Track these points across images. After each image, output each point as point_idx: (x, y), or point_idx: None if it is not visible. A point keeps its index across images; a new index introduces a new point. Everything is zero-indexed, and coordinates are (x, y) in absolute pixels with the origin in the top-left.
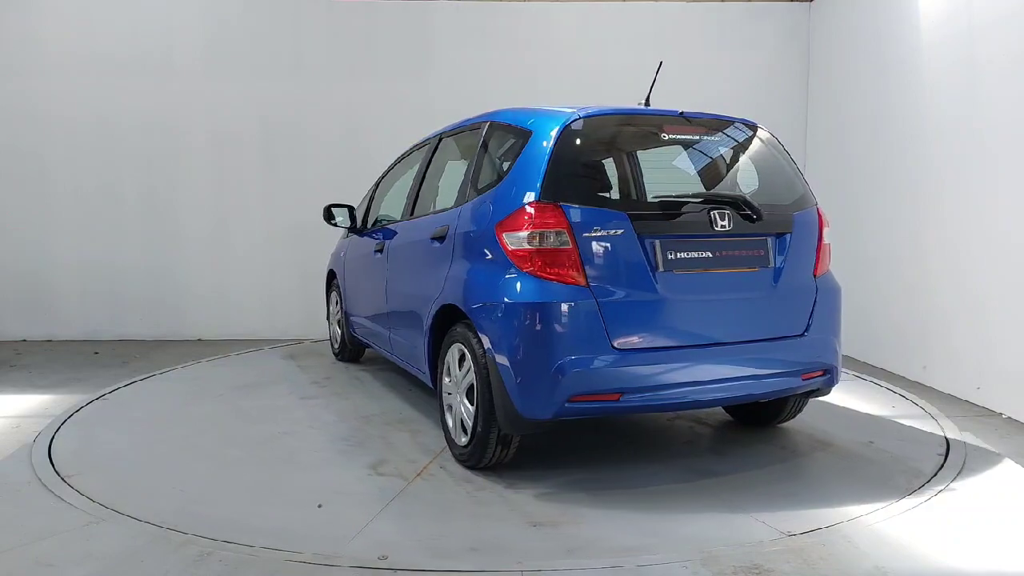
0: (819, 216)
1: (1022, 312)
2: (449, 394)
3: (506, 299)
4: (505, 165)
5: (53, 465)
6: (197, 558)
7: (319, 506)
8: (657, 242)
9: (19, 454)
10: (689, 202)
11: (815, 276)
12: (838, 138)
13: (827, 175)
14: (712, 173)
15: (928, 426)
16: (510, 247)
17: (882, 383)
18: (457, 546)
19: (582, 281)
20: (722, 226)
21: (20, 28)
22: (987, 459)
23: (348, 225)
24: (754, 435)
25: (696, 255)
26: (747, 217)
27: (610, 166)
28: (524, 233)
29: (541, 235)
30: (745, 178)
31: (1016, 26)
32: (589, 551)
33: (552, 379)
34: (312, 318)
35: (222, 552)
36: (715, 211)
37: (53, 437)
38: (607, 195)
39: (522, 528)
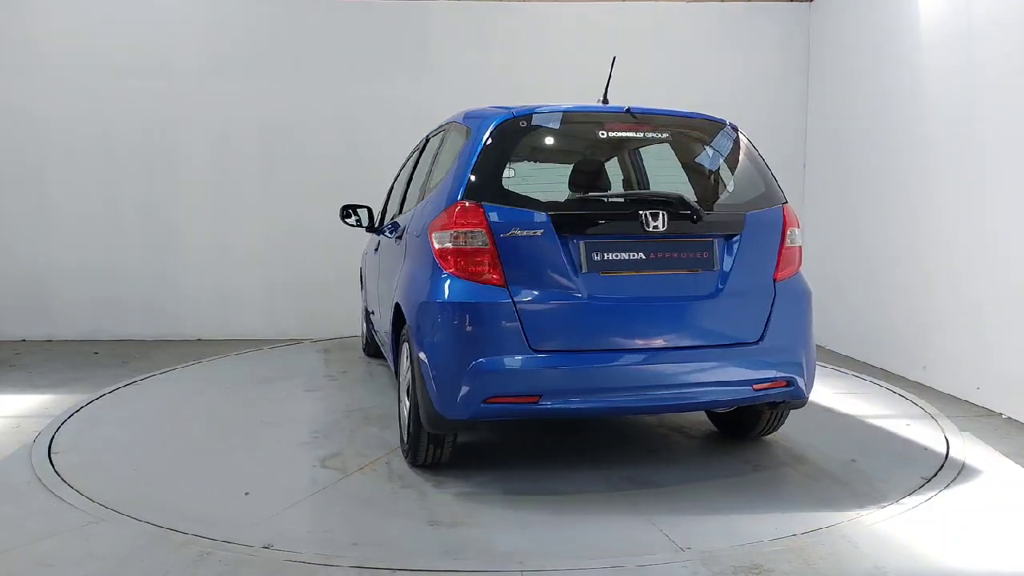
0: (784, 216)
1: (1021, 313)
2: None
3: (428, 298)
4: (449, 165)
5: (53, 465)
6: (197, 558)
7: (246, 494)
8: (582, 243)
9: (19, 454)
10: (618, 201)
11: (775, 280)
12: (838, 138)
13: (826, 175)
14: (657, 172)
15: (924, 437)
16: (436, 247)
17: (882, 383)
18: (342, 540)
19: (500, 281)
20: (654, 227)
21: (19, 31)
22: (987, 459)
23: (365, 224)
24: (727, 447)
25: (626, 256)
26: (687, 217)
27: (542, 165)
28: (447, 233)
29: (461, 235)
30: (694, 176)
31: (1015, 27)
32: (465, 552)
33: (467, 379)
34: (312, 318)
35: (222, 552)
36: (647, 211)
37: (53, 437)
38: (531, 195)
39: (418, 526)
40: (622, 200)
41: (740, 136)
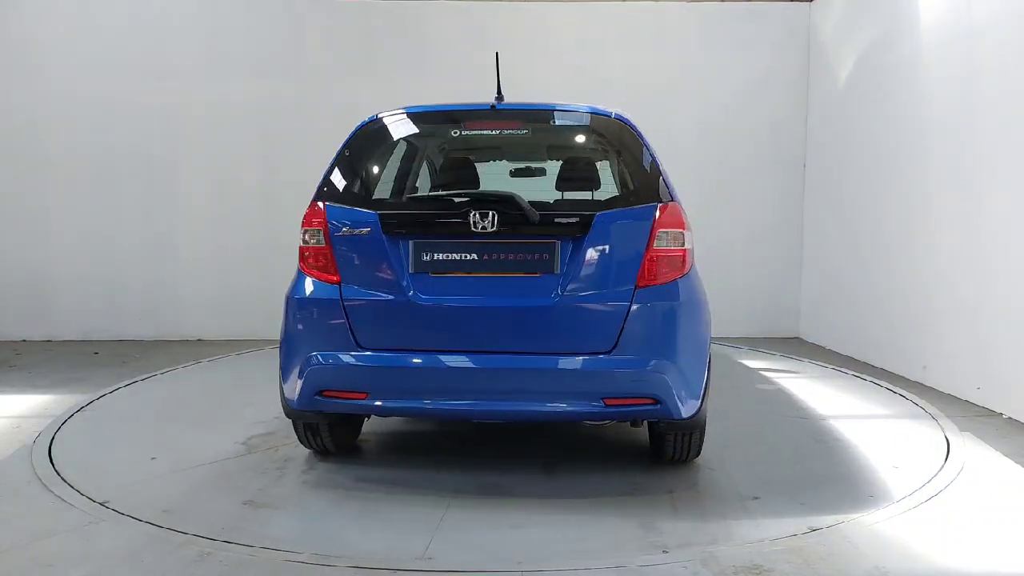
0: (655, 217)
1: (1021, 313)
2: None
3: (286, 293)
4: None
5: (53, 465)
6: (197, 558)
7: (152, 459)
8: (411, 243)
9: (19, 454)
10: (447, 201)
11: (638, 286)
12: (838, 138)
13: (826, 175)
14: (512, 169)
15: (924, 437)
16: (299, 245)
17: (883, 383)
18: (160, 506)
19: (334, 279)
20: (483, 227)
21: (18, 28)
22: (987, 459)
23: None
24: (636, 467)
25: (456, 257)
26: (521, 218)
27: (389, 165)
28: (302, 232)
29: (307, 233)
30: (556, 172)
31: (1015, 28)
32: (237, 533)
33: (301, 372)
34: None
35: (222, 552)
36: (477, 211)
37: (53, 437)
38: (367, 194)
39: (233, 505)
40: (451, 200)
41: (625, 130)
